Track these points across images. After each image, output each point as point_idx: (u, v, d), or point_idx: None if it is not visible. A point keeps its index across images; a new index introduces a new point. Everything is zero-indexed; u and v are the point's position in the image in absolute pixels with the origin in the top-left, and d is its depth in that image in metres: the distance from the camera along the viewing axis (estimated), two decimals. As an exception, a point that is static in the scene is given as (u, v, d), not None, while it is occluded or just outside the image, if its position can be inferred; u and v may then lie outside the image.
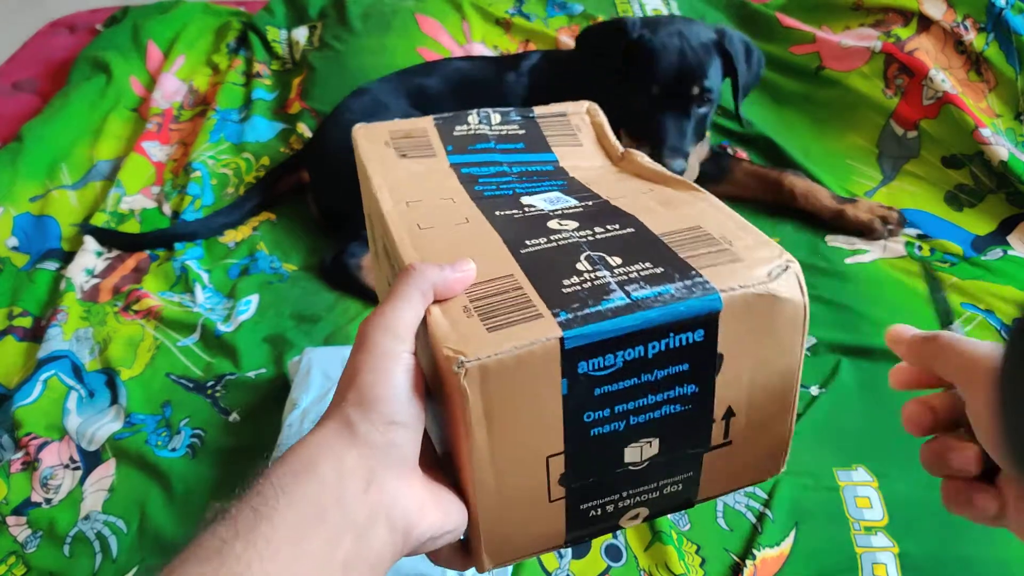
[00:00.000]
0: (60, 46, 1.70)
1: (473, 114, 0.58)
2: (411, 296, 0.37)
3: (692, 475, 0.43)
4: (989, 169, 1.16)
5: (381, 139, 0.55)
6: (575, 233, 0.44)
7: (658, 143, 1.07)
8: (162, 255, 1.17)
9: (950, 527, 0.70)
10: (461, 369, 0.35)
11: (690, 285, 0.38)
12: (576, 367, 0.36)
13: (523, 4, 1.59)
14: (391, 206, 0.48)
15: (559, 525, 0.42)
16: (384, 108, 1.21)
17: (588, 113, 0.60)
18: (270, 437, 0.78)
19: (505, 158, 0.56)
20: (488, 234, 0.45)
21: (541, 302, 0.37)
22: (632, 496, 0.43)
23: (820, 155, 1.27)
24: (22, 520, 0.79)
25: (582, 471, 0.40)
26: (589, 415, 0.38)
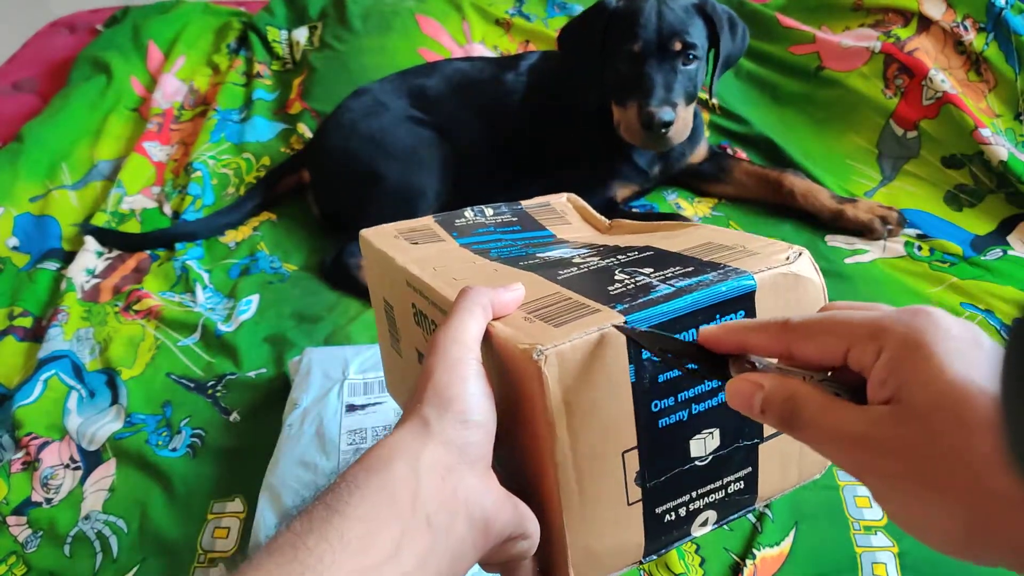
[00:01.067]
0: (60, 46, 1.70)
1: (468, 210, 0.63)
2: (473, 310, 0.39)
3: (751, 471, 0.45)
4: (989, 169, 1.16)
5: (390, 235, 0.58)
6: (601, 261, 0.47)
7: (644, 95, 1.04)
8: (163, 255, 1.17)
9: (950, 527, 0.70)
10: (541, 356, 0.36)
11: (724, 272, 0.41)
12: (640, 352, 0.38)
13: (523, 4, 1.60)
14: (419, 271, 0.49)
15: (639, 533, 0.42)
16: (384, 108, 1.21)
17: (569, 200, 0.65)
18: (270, 437, 0.78)
19: (507, 237, 0.59)
20: (520, 274, 0.48)
21: (594, 302, 0.40)
22: (701, 497, 0.44)
23: (820, 155, 1.27)
24: (22, 520, 0.79)
25: (655, 468, 0.41)
26: (656, 404, 0.39)
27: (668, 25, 1.04)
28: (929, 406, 0.28)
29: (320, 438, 0.75)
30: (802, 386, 0.32)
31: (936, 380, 0.28)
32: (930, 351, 0.29)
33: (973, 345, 0.29)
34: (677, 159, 1.20)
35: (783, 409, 0.32)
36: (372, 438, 0.75)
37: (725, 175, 1.22)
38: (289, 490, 0.71)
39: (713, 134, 1.34)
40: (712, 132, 1.35)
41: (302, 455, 0.74)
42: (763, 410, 0.33)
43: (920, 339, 0.29)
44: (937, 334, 0.29)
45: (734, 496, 0.45)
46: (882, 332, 0.30)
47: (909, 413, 0.29)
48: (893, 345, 0.30)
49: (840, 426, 0.30)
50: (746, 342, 0.35)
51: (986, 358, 0.28)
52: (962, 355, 0.28)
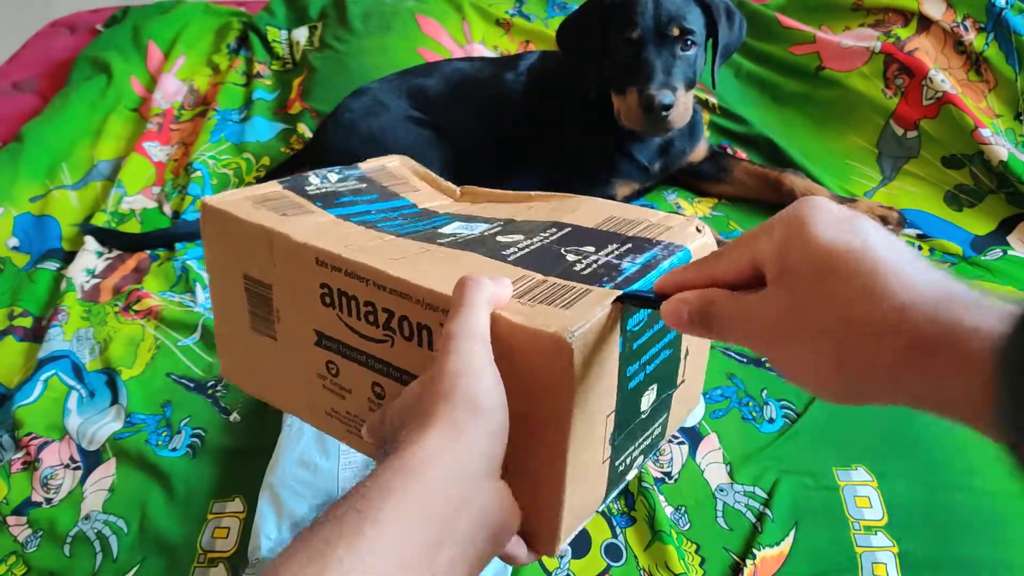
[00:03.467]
0: (60, 46, 1.70)
1: (312, 175, 0.61)
2: (480, 302, 0.39)
3: (665, 416, 0.50)
4: (989, 169, 1.16)
5: (246, 204, 0.55)
6: (531, 240, 0.49)
7: (643, 80, 1.04)
8: (163, 255, 1.17)
9: (950, 527, 0.70)
10: (573, 339, 0.37)
11: (664, 247, 0.47)
12: (627, 324, 0.41)
13: (523, 4, 1.60)
14: (338, 250, 0.47)
15: (602, 487, 0.45)
16: (384, 108, 1.21)
17: (403, 163, 0.66)
18: (270, 437, 0.78)
19: (373, 207, 0.58)
20: (460, 254, 0.48)
21: (577, 283, 0.42)
22: (639, 445, 0.48)
23: (820, 155, 1.27)
24: (22, 520, 0.79)
25: (621, 426, 0.44)
26: (630, 369, 0.42)
27: (666, 12, 1.04)
28: (805, 266, 0.32)
29: (320, 438, 0.75)
30: (717, 292, 0.36)
31: (811, 245, 0.32)
32: (808, 227, 0.32)
33: (847, 219, 0.32)
34: (677, 156, 1.20)
35: (702, 314, 0.36)
36: (372, 438, 0.75)
37: (725, 175, 1.22)
38: (289, 490, 0.71)
39: (713, 134, 1.34)
40: (712, 132, 1.35)
41: (302, 455, 0.74)
42: (689, 320, 0.37)
43: (801, 219, 0.33)
44: (815, 213, 0.33)
45: (655, 439, 0.50)
46: (771, 227, 0.34)
47: (787, 279, 0.33)
48: (778, 234, 0.34)
49: (739, 310, 0.35)
50: (682, 281, 0.38)
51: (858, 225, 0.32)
52: (833, 224, 0.32)
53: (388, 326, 0.46)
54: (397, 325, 0.45)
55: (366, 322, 0.47)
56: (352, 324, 0.48)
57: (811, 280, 0.32)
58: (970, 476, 0.75)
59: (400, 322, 0.45)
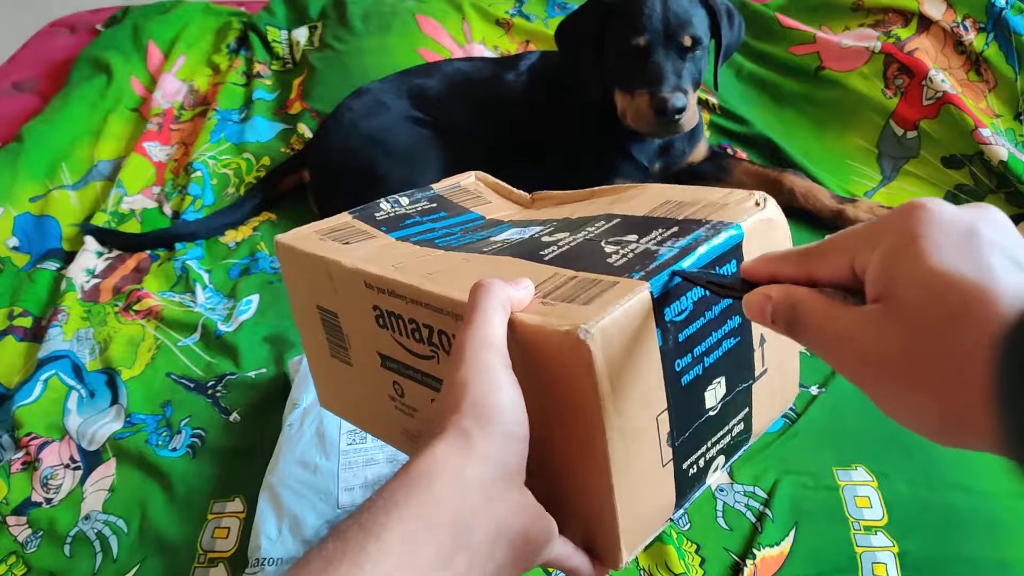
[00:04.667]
0: (60, 46, 1.70)
1: (383, 201, 0.61)
2: (496, 307, 0.37)
3: (748, 411, 0.47)
4: (989, 169, 1.16)
5: (313, 238, 0.56)
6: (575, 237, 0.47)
7: (654, 83, 1.04)
8: (163, 255, 1.17)
9: (950, 527, 0.70)
10: (587, 335, 0.35)
11: (712, 227, 0.42)
12: (664, 315, 0.38)
13: (523, 5, 1.60)
14: (381, 271, 0.47)
15: (670, 492, 0.43)
16: (384, 108, 1.21)
17: (478, 179, 0.65)
18: (271, 437, 0.78)
19: (439, 224, 0.57)
20: (499, 261, 0.46)
21: (606, 276, 0.40)
22: (714, 444, 0.45)
23: (820, 155, 1.27)
24: (22, 520, 0.79)
25: (682, 425, 0.41)
26: (679, 363, 0.40)
27: (674, 16, 1.04)
28: (913, 299, 0.28)
29: (320, 438, 0.75)
30: (805, 292, 0.33)
31: (922, 273, 0.28)
32: (918, 244, 0.28)
33: (965, 235, 0.28)
34: (678, 156, 1.20)
35: (787, 315, 0.33)
36: (372, 438, 0.75)
37: (725, 175, 1.22)
38: (289, 490, 0.71)
39: (713, 134, 1.34)
40: (712, 132, 1.35)
41: (302, 455, 0.74)
42: (772, 319, 0.34)
43: (911, 233, 0.29)
44: (928, 227, 0.29)
45: (737, 437, 0.46)
46: (877, 234, 0.30)
47: (896, 307, 0.29)
48: (886, 243, 0.30)
49: (833, 326, 0.31)
50: (776, 272, 0.35)
51: (977, 247, 0.28)
52: (950, 246, 0.28)
53: (431, 341, 0.45)
54: (438, 340, 0.45)
55: (414, 340, 0.46)
56: (404, 343, 0.47)
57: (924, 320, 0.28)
58: (970, 476, 0.75)
59: (440, 336, 0.44)
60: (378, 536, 0.29)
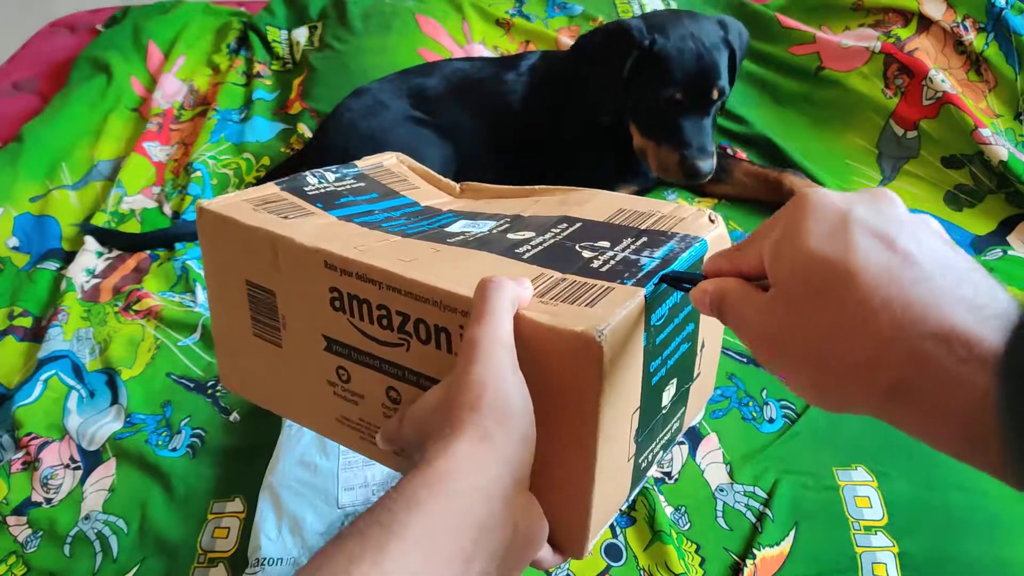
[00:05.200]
0: (60, 46, 1.70)
1: (309, 175, 0.60)
2: (505, 306, 0.38)
3: (684, 409, 0.51)
4: (989, 169, 1.16)
5: (245, 208, 0.53)
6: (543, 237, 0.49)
7: (685, 146, 1.07)
8: (163, 255, 1.17)
9: (950, 527, 0.70)
10: (601, 337, 0.36)
11: (681, 239, 0.46)
12: (650, 319, 0.41)
13: (523, 5, 1.60)
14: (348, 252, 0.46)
15: (627, 485, 0.45)
16: (384, 108, 1.21)
17: (400, 160, 0.65)
18: (271, 437, 0.78)
19: (375, 206, 0.57)
20: (473, 254, 0.47)
21: (598, 280, 0.42)
22: (661, 440, 0.47)
23: (820, 155, 1.27)
24: (22, 520, 0.79)
25: (645, 422, 0.43)
26: (653, 364, 0.42)
27: (707, 70, 1.05)
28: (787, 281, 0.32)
29: (320, 438, 0.75)
30: (731, 283, 0.36)
31: (794, 256, 0.31)
32: (797, 232, 0.31)
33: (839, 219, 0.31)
34: (677, 159, 1.20)
35: (717, 305, 0.36)
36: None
37: (725, 175, 1.22)
38: (289, 490, 0.71)
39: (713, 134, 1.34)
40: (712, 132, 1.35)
41: (302, 455, 0.74)
42: (711, 308, 0.37)
43: (794, 222, 0.32)
44: (807, 215, 0.32)
45: (674, 434, 0.50)
46: (772, 226, 0.34)
47: (778, 290, 0.32)
48: (775, 234, 0.33)
49: (742, 310, 0.35)
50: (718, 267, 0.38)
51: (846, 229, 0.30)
52: (823, 231, 0.31)
53: (403, 329, 0.45)
54: (413, 328, 0.44)
55: (379, 326, 0.46)
56: (364, 328, 0.47)
57: (797, 299, 0.31)
58: (970, 476, 0.75)
59: (416, 325, 0.44)
60: (400, 536, 0.29)
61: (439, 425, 0.35)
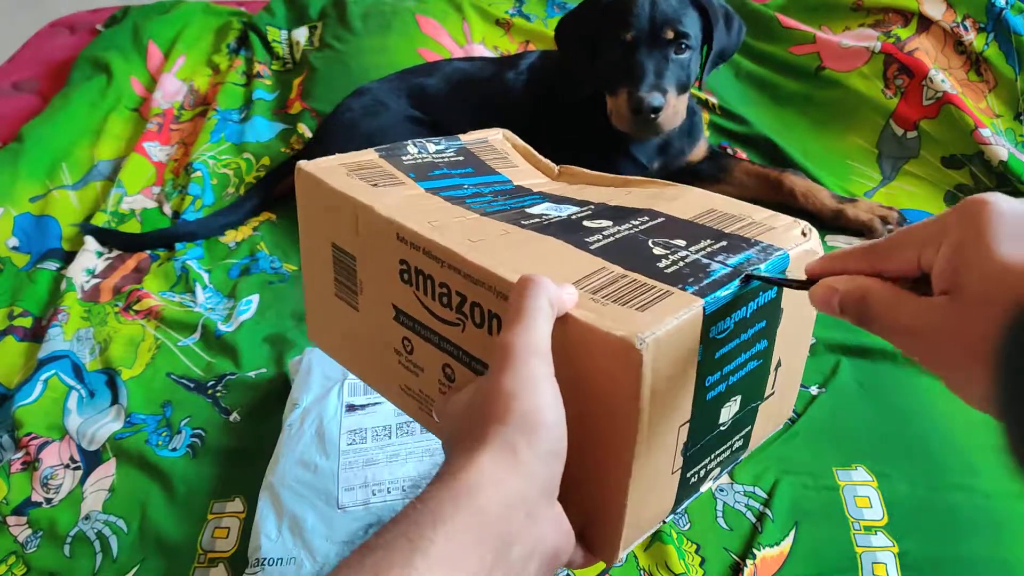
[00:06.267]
0: (60, 46, 1.70)
1: (411, 144, 0.60)
2: (544, 309, 0.36)
3: (750, 428, 0.47)
4: (989, 169, 1.16)
5: (340, 172, 0.54)
6: (619, 227, 0.47)
7: (634, 81, 1.03)
8: (163, 255, 1.17)
9: (950, 527, 0.70)
10: (644, 344, 0.35)
11: (762, 249, 0.44)
12: (709, 332, 0.39)
13: (523, 5, 1.60)
14: (420, 227, 0.46)
15: (671, 498, 0.43)
16: (384, 108, 1.21)
17: (506, 137, 0.64)
18: (271, 437, 0.78)
19: (466, 181, 0.57)
20: (541, 239, 0.46)
21: (658, 283, 0.40)
22: (717, 457, 0.45)
23: (820, 155, 1.27)
24: (22, 520, 0.79)
25: (696, 437, 0.42)
26: (709, 379, 0.41)
27: (661, 14, 1.04)
28: (977, 286, 0.29)
29: (320, 438, 0.75)
30: (875, 283, 0.34)
31: (984, 262, 0.29)
32: (983, 238, 0.29)
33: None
34: (676, 156, 1.20)
35: (857, 306, 0.34)
36: (372, 438, 0.75)
37: (725, 175, 1.22)
38: (289, 490, 0.71)
39: (713, 134, 1.34)
40: (712, 132, 1.35)
41: (302, 455, 0.74)
42: (841, 309, 0.35)
43: (976, 228, 0.30)
44: (991, 221, 0.30)
45: (735, 452, 0.47)
46: (943, 229, 0.31)
47: (962, 299, 0.30)
48: (951, 238, 0.31)
49: (904, 314, 0.32)
50: (842, 267, 0.36)
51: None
52: (1013, 236, 0.29)
53: (461, 310, 0.44)
54: (469, 310, 0.44)
55: (440, 303, 0.46)
56: (427, 304, 0.47)
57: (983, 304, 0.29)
58: (970, 476, 0.75)
59: (472, 308, 0.44)
60: (425, 552, 0.29)
61: (467, 432, 0.34)
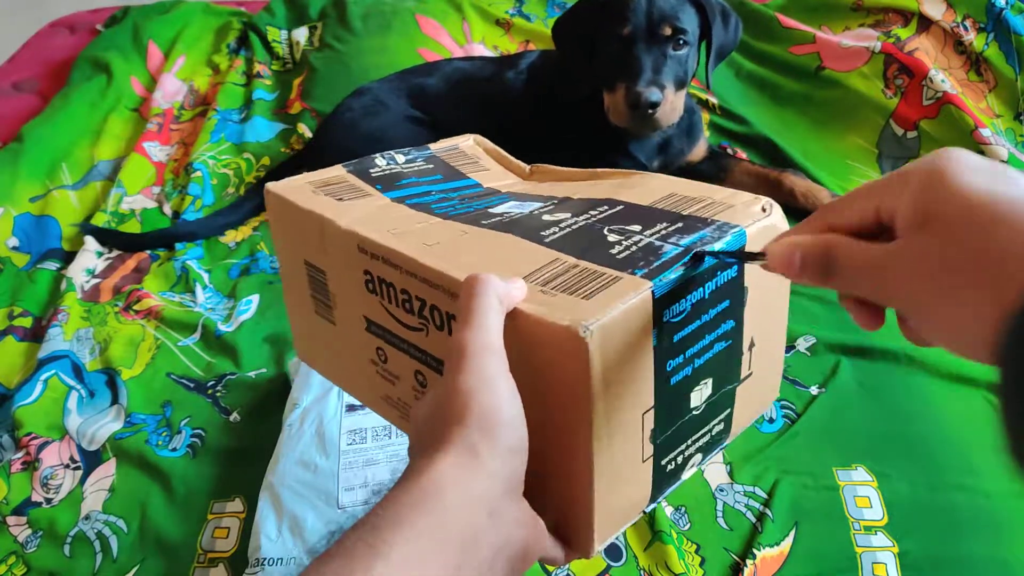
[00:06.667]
0: (60, 46, 1.70)
1: (379, 157, 0.60)
2: (492, 306, 0.36)
3: (729, 411, 0.47)
4: (989, 169, 1.16)
5: (306, 190, 0.55)
6: (577, 219, 0.46)
7: (631, 76, 1.03)
8: (163, 255, 1.17)
9: (950, 527, 0.70)
10: (588, 332, 0.35)
11: (717, 227, 0.42)
12: (662, 316, 0.38)
13: (523, 4, 1.60)
14: (378, 236, 0.47)
15: (647, 486, 0.43)
16: (384, 108, 1.21)
17: (476, 143, 0.64)
18: (271, 437, 0.78)
19: (434, 187, 0.57)
20: (498, 237, 0.46)
21: (608, 269, 0.39)
22: (694, 443, 0.45)
23: (820, 155, 1.27)
24: (22, 520, 0.79)
25: (665, 423, 0.41)
26: (671, 363, 0.40)
27: (658, 10, 1.04)
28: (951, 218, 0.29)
29: (320, 438, 0.75)
30: (836, 236, 0.33)
31: (957, 196, 0.29)
32: (951, 178, 0.29)
33: (994, 168, 0.30)
34: (676, 155, 1.20)
35: (820, 260, 0.33)
36: (372, 438, 0.75)
37: (725, 175, 1.22)
38: (289, 490, 0.71)
39: (713, 134, 1.34)
40: (712, 132, 1.35)
41: (302, 455, 0.74)
42: (802, 264, 0.34)
43: (941, 171, 0.30)
44: (958, 164, 0.30)
45: (716, 436, 0.47)
46: (905, 177, 0.31)
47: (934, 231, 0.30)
48: (915, 184, 0.31)
49: (874, 259, 0.32)
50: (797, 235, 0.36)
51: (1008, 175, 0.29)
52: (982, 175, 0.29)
53: (422, 314, 0.45)
54: (429, 313, 0.44)
55: (403, 310, 0.46)
56: (393, 311, 0.47)
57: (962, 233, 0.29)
58: (970, 476, 0.75)
59: (431, 311, 0.44)
60: (386, 556, 0.29)
61: (428, 436, 0.34)
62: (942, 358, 0.84)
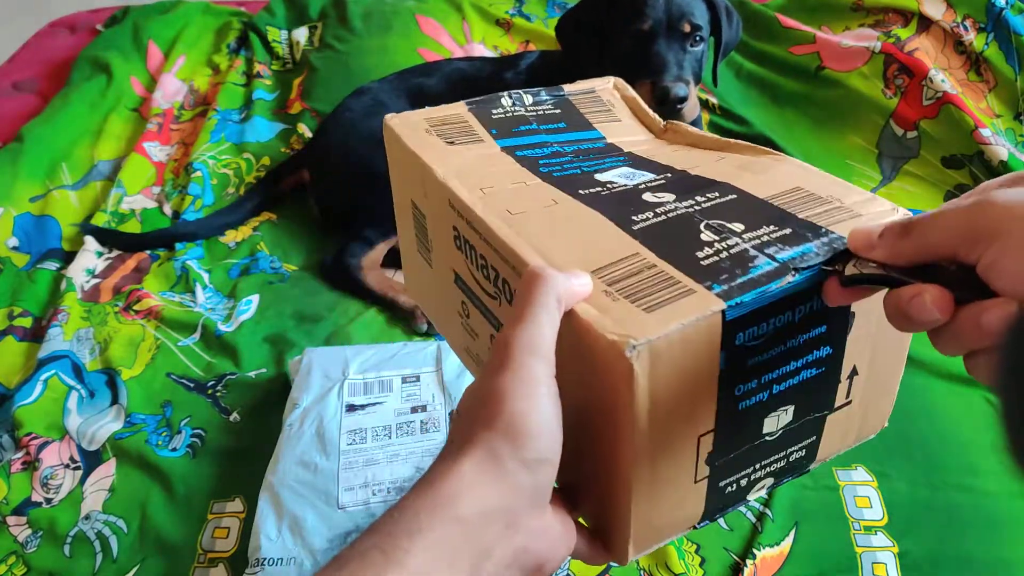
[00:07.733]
0: (60, 46, 1.70)
1: (505, 96, 0.57)
2: (548, 306, 0.34)
3: (815, 439, 0.43)
4: (989, 169, 1.16)
5: (420, 127, 0.53)
6: (679, 204, 0.43)
7: (658, 71, 1.04)
8: (163, 255, 1.17)
9: (950, 527, 0.71)
10: (633, 352, 0.32)
11: (828, 242, 0.37)
12: (734, 339, 0.35)
13: (523, 5, 1.60)
14: (468, 194, 0.45)
15: (698, 506, 0.41)
16: (384, 108, 1.21)
17: (616, 88, 0.60)
18: (271, 437, 0.78)
19: (552, 138, 0.54)
20: (586, 214, 0.43)
21: (686, 277, 0.36)
22: (764, 467, 0.42)
23: (820, 155, 1.27)
24: (22, 520, 0.79)
25: (727, 447, 0.39)
26: (740, 388, 0.37)
27: (676, 6, 1.05)
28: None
29: (320, 438, 0.75)
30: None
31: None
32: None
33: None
34: (676, 156, 1.20)
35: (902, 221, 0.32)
36: (372, 438, 0.75)
37: (725, 175, 1.22)
38: (289, 490, 0.71)
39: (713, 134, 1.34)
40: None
41: (302, 455, 0.74)
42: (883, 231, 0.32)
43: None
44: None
45: (794, 462, 0.43)
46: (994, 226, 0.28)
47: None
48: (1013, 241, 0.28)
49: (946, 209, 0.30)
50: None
51: None
52: None
53: (496, 284, 0.43)
54: (502, 286, 0.42)
55: (483, 275, 0.44)
56: (474, 273, 0.46)
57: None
58: (970, 476, 0.75)
59: (503, 284, 0.42)
60: (400, 563, 0.29)
61: (458, 433, 0.33)
62: (942, 358, 0.84)
